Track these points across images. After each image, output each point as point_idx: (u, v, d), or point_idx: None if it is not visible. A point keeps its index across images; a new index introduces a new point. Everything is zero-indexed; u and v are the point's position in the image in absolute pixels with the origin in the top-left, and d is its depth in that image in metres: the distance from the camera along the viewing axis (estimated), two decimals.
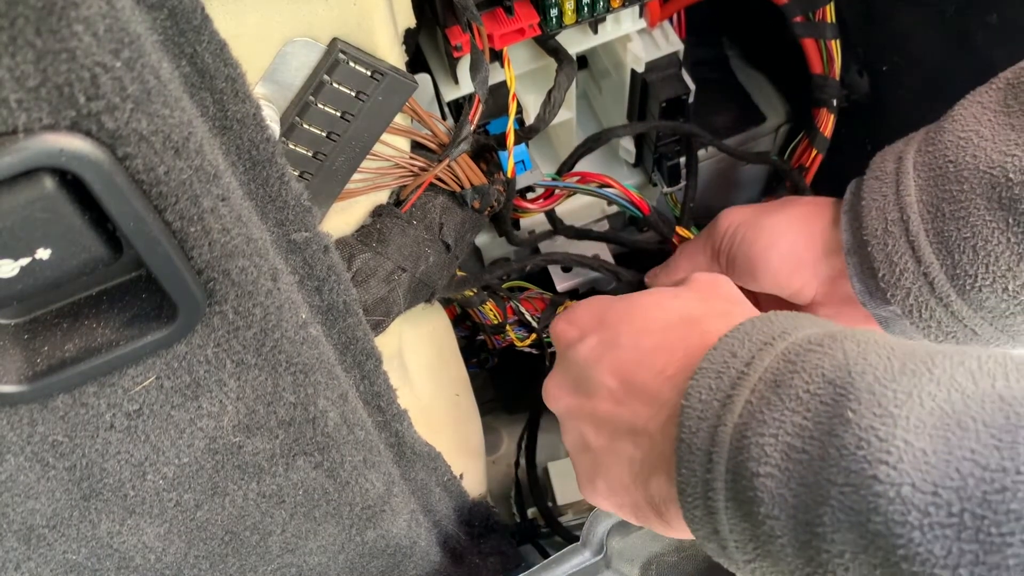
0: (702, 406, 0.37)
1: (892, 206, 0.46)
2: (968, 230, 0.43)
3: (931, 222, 0.45)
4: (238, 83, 0.32)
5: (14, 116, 0.23)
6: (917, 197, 0.45)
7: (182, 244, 0.29)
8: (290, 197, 0.36)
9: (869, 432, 0.30)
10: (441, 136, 0.50)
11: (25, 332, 0.31)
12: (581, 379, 0.46)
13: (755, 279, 0.53)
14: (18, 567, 0.39)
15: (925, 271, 0.45)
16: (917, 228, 0.45)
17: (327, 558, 0.49)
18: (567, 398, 0.47)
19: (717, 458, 0.36)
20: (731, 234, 0.55)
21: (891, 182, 0.47)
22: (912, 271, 0.46)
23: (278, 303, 0.35)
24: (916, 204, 0.45)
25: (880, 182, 0.47)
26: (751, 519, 0.34)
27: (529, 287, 0.70)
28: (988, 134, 0.43)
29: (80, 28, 0.23)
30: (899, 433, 0.30)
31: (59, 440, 0.34)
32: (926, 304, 0.46)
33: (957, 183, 0.43)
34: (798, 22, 0.60)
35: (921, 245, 0.45)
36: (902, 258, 0.46)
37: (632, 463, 0.42)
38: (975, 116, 0.44)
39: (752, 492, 0.34)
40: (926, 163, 0.45)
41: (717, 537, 0.37)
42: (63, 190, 0.25)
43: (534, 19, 0.52)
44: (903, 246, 0.46)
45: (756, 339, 0.38)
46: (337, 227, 0.49)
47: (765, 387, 0.35)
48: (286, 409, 0.39)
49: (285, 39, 0.40)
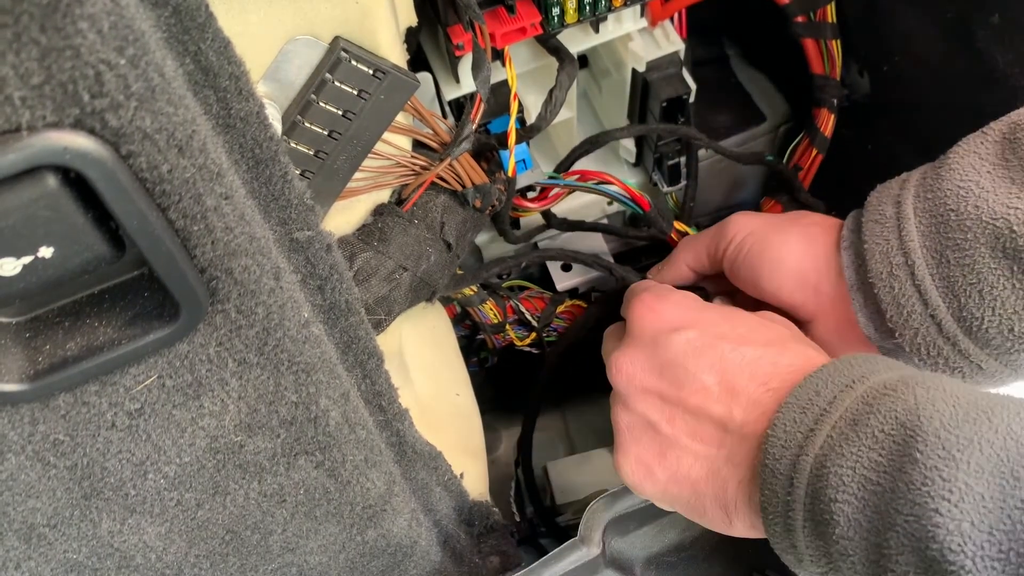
0: (786, 436, 0.41)
1: (896, 251, 0.48)
2: (973, 276, 0.45)
3: (936, 267, 0.46)
4: (241, 81, 0.32)
5: (18, 114, 0.23)
6: (920, 243, 0.47)
7: (185, 243, 0.29)
8: (293, 196, 0.36)
9: (934, 472, 0.35)
10: (442, 135, 0.50)
11: (27, 331, 0.31)
12: (671, 367, 0.47)
13: (757, 289, 0.55)
14: (19, 566, 0.38)
15: (932, 313, 0.47)
16: (923, 273, 0.47)
17: (328, 557, 0.49)
18: (647, 379, 0.48)
19: (798, 483, 0.40)
20: (739, 242, 0.56)
21: (892, 227, 0.48)
22: (919, 313, 0.48)
23: (280, 302, 0.35)
24: (920, 250, 0.47)
25: (881, 226, 0.49)
26: (826, 538, 0.39)
27: (529, 286, 0.70)
28: (988, 185, 0.45)
29: (84, 25, 0.22)
30: (960, 476, 0.34)
31: (60, 439, 0.34)
32: (933, 343, 0.48)
33: (960, 231, 0.45)
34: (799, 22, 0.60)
35: (927, 289, 0.47)
36: (909, 300, 0.48)
37: (711, 460, 0.45)
38: (973, 166, 0.46)
39: (829, 515, 0.38)
40: (927, 210, 0.47)
41: (795, 551, 0.41)
42: (66, 188, 0.25)
43: (536, 18, 0.52)
44: (909, 290, 0.47)
45: (839, 381, 0.42)
46: (339, 226, 0.49)
47: (845, 424, 0.40)
48: (288, 408, 0.39)
49: (287, 37, 0.40)
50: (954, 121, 0.58)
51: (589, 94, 0.72)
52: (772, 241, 0.54)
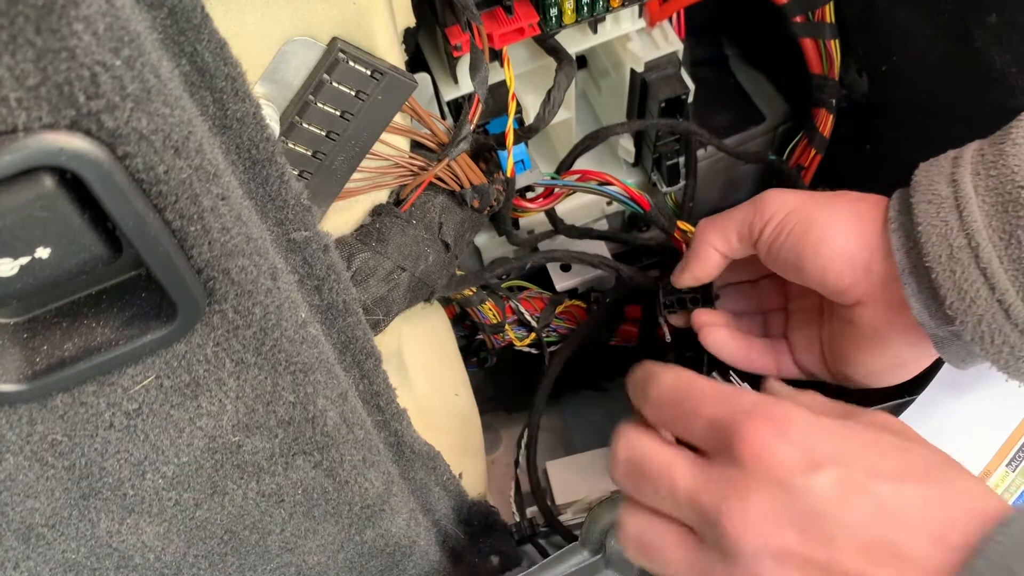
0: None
1: (956, 232, 0.45)
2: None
3: (1004, 249, 0.44)
4: (238, 82, 0.32)
5: (14, 115, 0.23)
6: (985, 223, 0.44)
7: (182, 243, 0.29)
8: (290, 196, 0.36)
9: None
10: (440, 135, 0.50)
11: (24, 331, 0.31)
12: (815, 519, 0.37)
13: (800, 272, 0.51)
14: (17, 566, 0.39)
15: (1000, 298, 0.44)
16: (989, 255, 0.44)
17: (326, 557, 0.49)
18: (785, 536, 0.38)
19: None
20: (779, 221, 0.51)
21: (950, 207, 0.45)
22: (985, 298, 0.44)
23: (278, 302, 0.35)
24: (985, 230, 0.44)
25: (936, 206, 0.46)
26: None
27: (528, 286, 0.70)
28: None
29: (80, 27, 0.23)
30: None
31: (58, 439, 0.34)
32: (999, 330, 0.45)
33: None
34: (797, 22, 0.60)
35: (995, 272, 0.44)
36: (972, 285, 0.45)
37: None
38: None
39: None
40: (991, 187, 0.44)
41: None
42: (63, 189, 0.25)
43: (533, 18, 0.52)
44: (973, 273, 0.44)
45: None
46: (336, 226, 0.49)
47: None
48: (285, 408, 0.39)
49: (285, 38, 0.40)
50: (953, 121, 0.58)
51: (588, 95, 0.72)
52: (817, 219, 0.50)
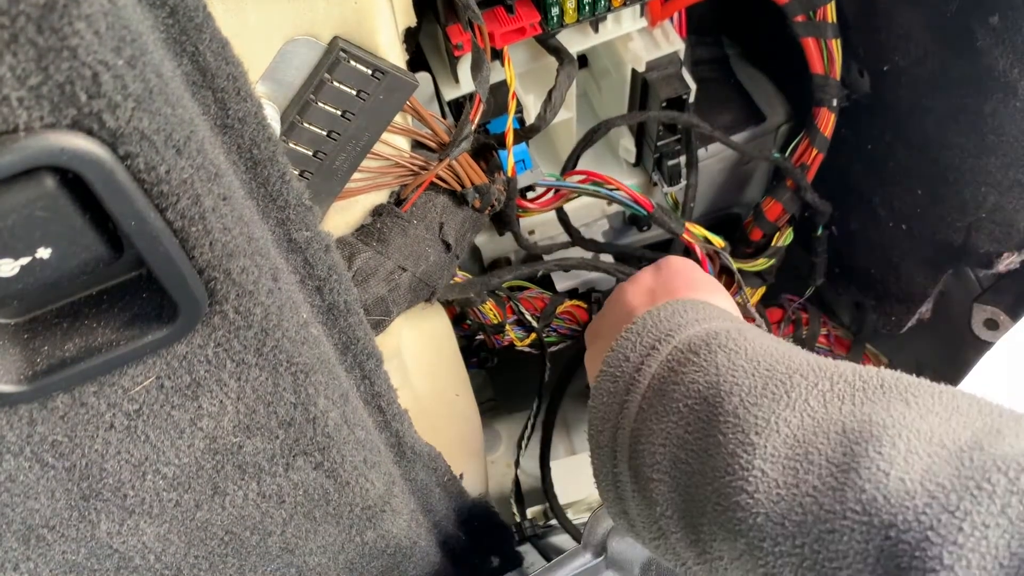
0: (604, 408, 0.42)
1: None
2: None
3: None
4: (239, 82, 0.32)
5: (15, 114, 0.23)
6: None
7: (183, 243, 0.29)
8: (291, 196, 0.36)
9: (733, 459, 0.35)
10: (441, 135, 0.50)
11: (25, 332, 0.31)
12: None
13: None
14: (17, 567, 0.38)
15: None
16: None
17: (327, 558, 0.49)
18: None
19: (620, 456, 0.41)
20: None
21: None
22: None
23: (279, 303, 0.35)
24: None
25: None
26: (651, 511, 0.39)
27: (529, 286, 0.70)
28: None
29: (82, 26, 0.22)
30: (757, 463, 0.34)
31: (59, 440, 0.34)
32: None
33: None
34: (799, 21, 0.60)
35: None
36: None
37: None
38: None
39: (649, 493, 0.39)
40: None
41: (627, 517, 0.42)
42: (64, 189, 0.25)
43: (535, 18, 0.52)
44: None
45: (646, 342, 0.42)
46: (337, 226, 0.49)
47: (653, 395, 0.40)
48: (286, 409, 0.39)
49: (286, 38, 0.40)
50: (953, 121, 0.58)
51: (589, 94, 0.72)
52: None
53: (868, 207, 0.70)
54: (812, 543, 0.31)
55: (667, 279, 0.51)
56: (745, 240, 0.72)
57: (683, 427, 0.38)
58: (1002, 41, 0.52)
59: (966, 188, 0.60)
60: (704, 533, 0.36)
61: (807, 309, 0.76)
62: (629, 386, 0.41)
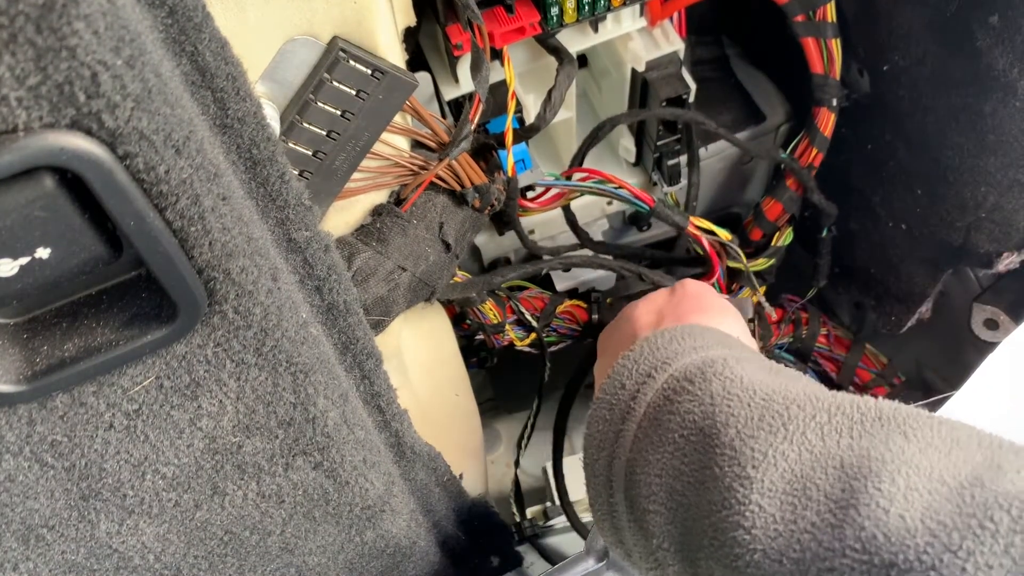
0: (600, 436, 0.42)
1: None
2: None
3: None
4: (239, 81, 0.32)
5: (14, 114, 0.23)
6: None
7: (182, 243, 0.29)
8: (290, 196, 0.36)
9: (729, 493, 0.34)
10: (441, 135, 0.49)
11: (24, 331, 0.31)
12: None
13: None
14: (16, 567, 0.38)
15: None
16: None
17: (327, 558, 0.49)
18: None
19: (616, 486, 0.40)
20: None
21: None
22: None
23: (278, 303, 0.35)
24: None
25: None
26: (648, 543, 0.39)
27: (528, 286, 0.70)
28: None
29: (81, 26, 0.22)
30: (754, 498, 0.33)
31: (58, 440, 0.34)
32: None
33: None
34: (799, 21, 0.60)
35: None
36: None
37: None
38: None
39: (645, 524, 0.38)
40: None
41: (623, 547, 0.42)
42: (63, 189, 0.25)
43: (534, 17, 0.52)
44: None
45: (642, 369, 0.42)
46: (337, 226, 0.49)
47: (649, 424, 0.40)
48: (286, 409, 0.39)
49: (285, 37, 0.40)
50: (953, 121, 0.58)
51: (588, 94, 0.72)
52: None
53: (868, 207, 0.70)
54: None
55: (678, 302, 0.50)
56: (745, 240, 0.72)
57: (679, 458, 0.37)
58: (1002, 41, 0.52)
59: (966, 188, 0.60)
60: (701, 568, 0.35)
61: (807, 309, 0.76)
62: (625, 415, 0.41)
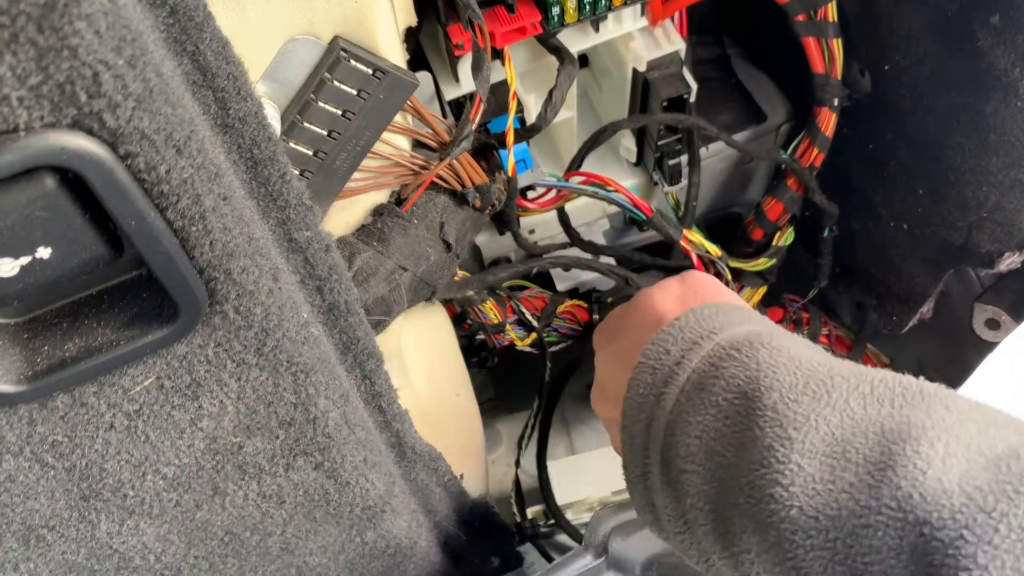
0: (640, 399, 0.42)
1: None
2: None
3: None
4: (240, 81, 0.32)
5: (15, 114, 0.23)
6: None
7: (183, 243, 0.29)
8: (291, 196, 0.36)
9: (769, 452, 0.35)
10: (442, 135, 0.49)
11: (25, 331, 0.31)
12: (601, 385, 0.53)
13: None
14: (16, 567, 0.38)
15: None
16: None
17: (327, 559, 0.49)
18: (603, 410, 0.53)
19: (652, 448, 0.41)
20: None
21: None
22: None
23: (279, 303, 0.35)
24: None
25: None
26: (680, 504, 0.39)
27: (529, 286, 0.70)
28: None
29: (82, 25, 0.22)
30: (794, 457, 0.34)
31: (59, 440, 0.34)
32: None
33: None
34: (800, 21, 0.60)
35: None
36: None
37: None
38: None
39: (680, 484, 0.39)
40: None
41: (653, 509, 0.42)
42: (64, 188, 0.25)
43: (535, 17, 0.52)
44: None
45: (688, 337, 0.43)
46: (338, 226, 0.49)
47: (692, 388, 0.40)
48: (287, 409, 0.39)
49: (286, 37, 0.40)
50: (954, 121, 0.58)
51: (589, 94, 0.72)
52: None
53: (869, 207, 0.70)
54: (845, 537, 0.31)
55: (695, 288, 0.51)
56: (746, 240, 0.72)
57: (720, 420, 0.38)
58: (1003, 41, 0.52)
59: (967, 188, 0.60)
60: (734, 525, 0.36)
61: (808, 309, 0.76)
62: (668, 378, 0.42)
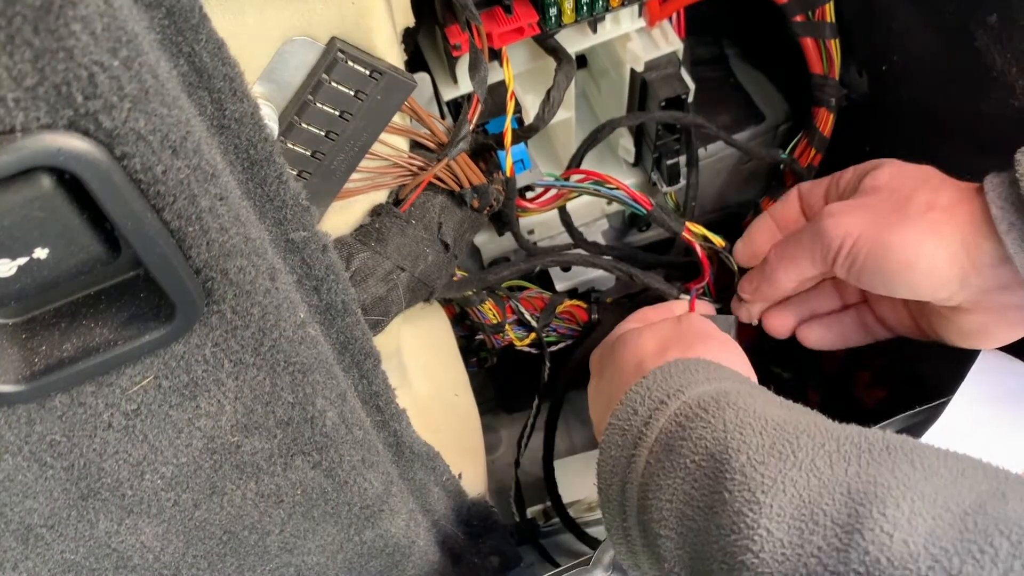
0: (612, 462, 0.43)
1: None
2: None
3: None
4: (236, 82, 0.32)
5: (12, 115, 0.23)
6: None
7: (180, 243, 0.29)
8: (288, 196, 0.36)
9: (739, 517, 0.35)
10: (440, 135, 0.50)
11: (23, 332, 0.31)
12: (592, 419, 0.54)
13: (889, 291, 0.50)
14: (16, 567, 0.39)
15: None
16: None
17: (325, 558, 0.49)
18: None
19: (629, 511, 0.41)
20: (848, 252, 0.50)
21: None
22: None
23: (276, 302, 0.35)
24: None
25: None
26: (660, 568, 0.40)
27: (528, 286, 0.70)
28: None
29: (78, 27, 0.22)
30: (763, 522, 0.34)
31: (57, 440, 0.34)
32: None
33: None
34: (798, 21, 0.60)
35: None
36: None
37: None
38: None
39: (657, 549, 0.39)
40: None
41: (639, 570, 0.43)
42: (61, 189, 0.25)
43: (533, 18, 0.52)
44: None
45: (655, 396, 0.43)
46: (336, 226, 0.49)
47: (660, 450, 0.41)
48: (284, 409, 0.39)
49: (283, 38, 0.40)
50: (953, 121, 0.58)
51: (588, 94, 0.72)
52: (892, 244, 0.48)
53: None
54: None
55: (683, 334, 0.51)
56: None
57: (690, 483, 0.38)
58: (1000, 40, 0.52)
59: None
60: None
61: None
62: (637, 440, 0.42)
